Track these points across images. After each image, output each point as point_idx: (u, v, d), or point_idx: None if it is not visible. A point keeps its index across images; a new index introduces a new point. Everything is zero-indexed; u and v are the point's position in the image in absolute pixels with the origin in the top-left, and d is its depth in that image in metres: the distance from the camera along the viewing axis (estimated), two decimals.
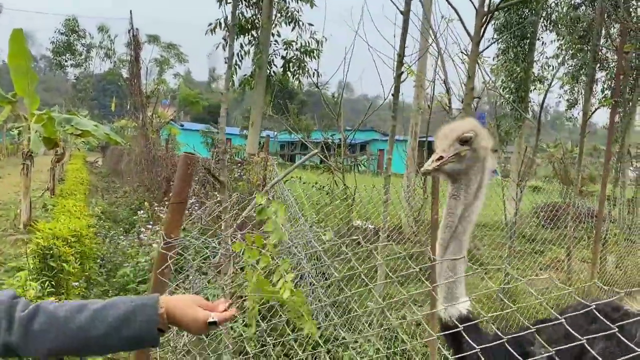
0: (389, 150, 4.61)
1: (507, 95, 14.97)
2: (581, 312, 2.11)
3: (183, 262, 2.83)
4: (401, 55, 4.57)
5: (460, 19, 5.19)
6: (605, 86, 18.67)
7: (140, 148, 17.44)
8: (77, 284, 5.47)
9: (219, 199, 3.22)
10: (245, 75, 11.24)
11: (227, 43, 11.05)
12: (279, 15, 11.44)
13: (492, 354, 1.87)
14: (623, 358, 1.55)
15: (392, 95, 4.55)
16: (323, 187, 9.65)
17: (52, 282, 5.10)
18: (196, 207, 6.40)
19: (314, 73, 11.16)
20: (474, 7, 4.97)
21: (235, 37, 10.57)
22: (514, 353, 1.73)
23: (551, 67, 17.48)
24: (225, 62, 8.39)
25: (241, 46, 10.86)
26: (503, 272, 6.47)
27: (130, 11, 16.54)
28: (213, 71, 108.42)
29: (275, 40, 11.28)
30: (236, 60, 9.92)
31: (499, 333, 2.05)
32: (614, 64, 17.81)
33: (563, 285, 3.26)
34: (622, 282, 8.11)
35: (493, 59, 16.70)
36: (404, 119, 14.52)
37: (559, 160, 16.31)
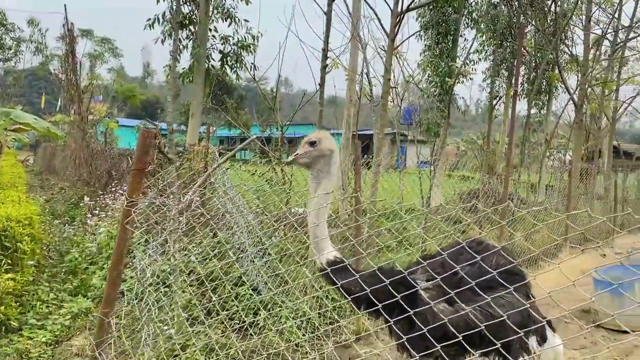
0: None
1: (432, 89, 16.02)
2: (455, 247, 2.86)
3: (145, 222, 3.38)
4: (325, 50, 5.25)
5: (378, 18, 5.94)
6: (524, 79, 20.24)
7: (77, 143, 17.38)
8: (32, 262, 5.83)
9: (168, 169, 3.77)
10: (184, 68, 11.64)
11: (165, 38, 11.43)
12: (215, 11, 11.91)
13: (362, 284, 2.58)
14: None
15: (319, 85, 5.23)
16: (262, 174, 10.25)
17: (9, 261, 5.47)
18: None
19: (251, 67, 11.74)
20: (389, 7, 5.72)
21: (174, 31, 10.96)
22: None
23: (472, 62, 18.72)
24: (171, 55, 8.86)
25: (180, 40, 11.24)
26: (420, 241, 7.29)
27: (65, 5, 16.48)
28: (147, 66, 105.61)
29: (213, 35, 11.76)
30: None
31: (374, 267, 2.77)
32: (530, 58, 19.39)
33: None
34: (529, 252, 9.15)
35: (420, 55, 17.80)
36: (338, 112, 15.28)
37: (481, 150, 17.64)
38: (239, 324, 5.07)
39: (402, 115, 14.78)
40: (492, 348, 2.03)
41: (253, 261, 6.14)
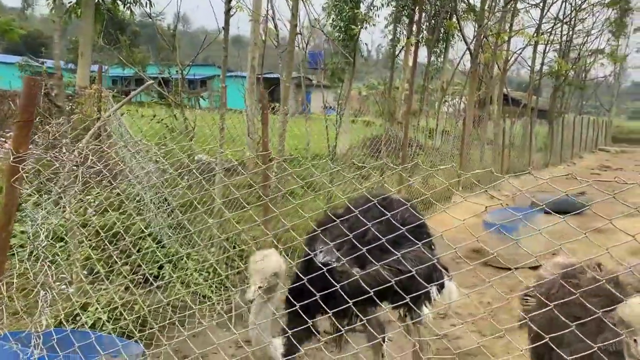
0: (221, 80, 5.08)
1: (336, 34, 15.92)
2: (360, 205, 2.87)
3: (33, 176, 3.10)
4: None
5: None
6: (424, 27, 20.65)
7: None
8: None
9: (59, 121, 3.46)
10: (70, 2, 10.58)
11: None
12: None
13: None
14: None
15: (223, 28, 4.98)
16: (162, 119, 9.73)
17: None
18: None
19: (146, 2, 10.93)
20: None
21: None
22: None
23: (376, 7, 18.72)
24: None
25: None
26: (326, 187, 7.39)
27: None
28: None
29: None
30: None
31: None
32: (429, 7, 19.76)
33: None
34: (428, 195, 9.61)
35: None
36: (243, 53, 14.79)
37: (382, 96, 18.03)
38: (142, 278, 4.90)
39: (307, 60, 14.59)
40: (402, 302, 2.12)
41: (155, 213, 5.91)
